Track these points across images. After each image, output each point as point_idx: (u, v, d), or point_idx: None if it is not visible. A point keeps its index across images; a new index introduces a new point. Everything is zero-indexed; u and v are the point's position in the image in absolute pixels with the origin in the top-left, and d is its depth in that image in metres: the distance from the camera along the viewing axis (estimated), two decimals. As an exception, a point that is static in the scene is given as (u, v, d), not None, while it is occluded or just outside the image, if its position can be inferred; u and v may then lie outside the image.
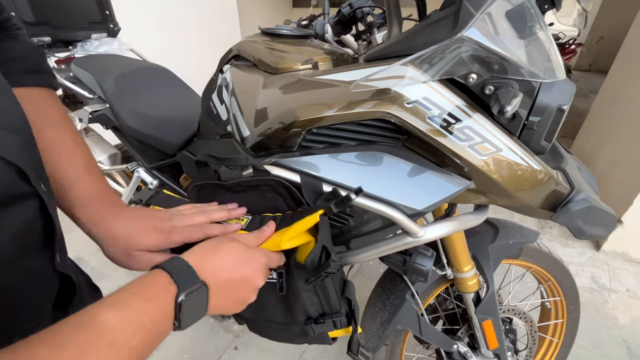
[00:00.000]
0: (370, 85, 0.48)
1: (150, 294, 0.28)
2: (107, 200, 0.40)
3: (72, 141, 0.39)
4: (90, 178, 0.39)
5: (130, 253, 0.39)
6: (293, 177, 0.49)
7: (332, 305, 0.46)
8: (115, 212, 0.40)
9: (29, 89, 0.37)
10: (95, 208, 0.39)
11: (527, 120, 0.48)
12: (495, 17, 0.42)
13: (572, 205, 0.50)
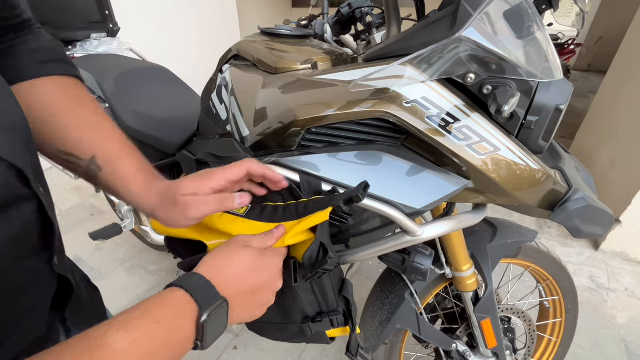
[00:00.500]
0: (369, 85, 0.48)
1: (161, 316, 0.26)
2: (155, 174, 0.42)
3: (110, 123, 0.40)
4: (134, 152, 0.41)
5: (177, 200, 0.38)
6: (292, 176, 0.49)
7: (330, 304, 0.46)
8: (160, 177, 0.41)
9: (57, 77, 0.37)
10: (146, 179, 0.40)
11: (525, 119, 0.48)
12: (493, 17, 0.42)
13: (569, 205, 0.51)
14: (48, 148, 0.37)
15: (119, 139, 0.40)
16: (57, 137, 0.36)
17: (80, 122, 0.37)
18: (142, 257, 1.68)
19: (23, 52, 0.35)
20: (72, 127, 0.37)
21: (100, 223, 1.93)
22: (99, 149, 0.37)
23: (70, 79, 0.39)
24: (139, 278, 1.56)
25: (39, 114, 0.35)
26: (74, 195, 2.17)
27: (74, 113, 0.37)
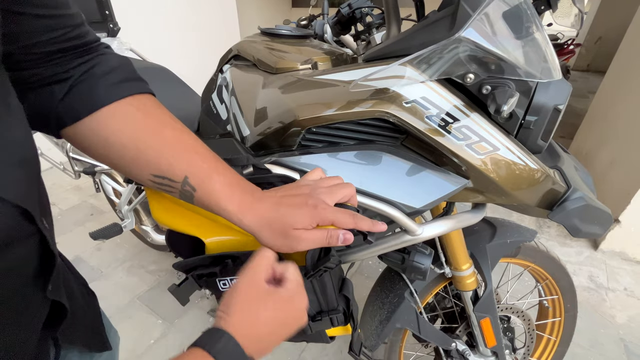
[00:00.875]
0: (369, 85, 0.49)
1: None
2: (248, 187, 0.39)
3: (193, 138, 0.38)
4: (225, 168, 0.38)
5: (288, 234, 0.36)
6: (293, 175, 0.49)
7: (330, 303, 0.46)
8: (259, 197, 0.38)
9: (134, 97, 0.36)
10: (241, 195, 0.37)
11: (524, 119, 0.48)
12: (492, 17, 0.42)
13: (568, 204, 0.51)
14: (139, 174, 0.36)
15: (207, 155, 0.38)
16: (147, 163, 0.35)
17: (167, 143, 0.35)
18: (142, 256, 1.68)
19: (96, 76, 0.34)
20: (160, 150, 0.35)
21: (100, 223, 1.93)
22: (189, 168, 0.35)
23: (146, 97, 0.38)
24: (139, 278, 1.56)
25: (124, 141, 0.34)
26: (74, 195, 2.17)
27: (160, 135, 0.35)
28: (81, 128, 0.34)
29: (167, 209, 0.50)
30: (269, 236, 0.37)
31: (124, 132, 0.34)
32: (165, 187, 0.36)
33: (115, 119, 0.34)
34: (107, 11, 1.31)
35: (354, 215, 0.37)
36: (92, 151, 0.36)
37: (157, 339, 1.30)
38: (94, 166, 1.13)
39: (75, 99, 0.33)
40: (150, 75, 1.18)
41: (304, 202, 0.37)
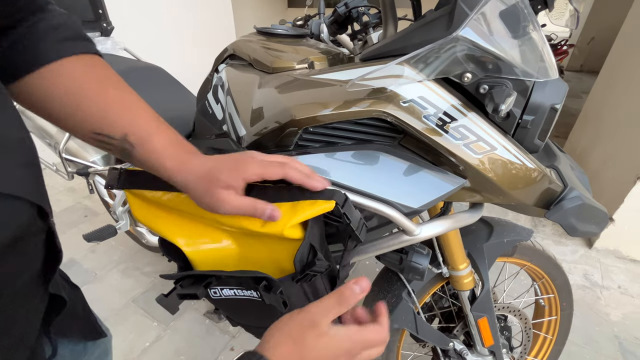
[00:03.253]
0: (366, 84, 0.48)
1: None
2: (188, 147, 0.40)
3: (136, 98, 0.39)
4: (166, 127, 0.39)
5: (213, 192, 0.36)
6: None
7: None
8: (195, 153, 0.39)
9: (81, 56, 0.36)
10: (179, 152, 0.38)
11: (520, 119, 0.48)
12: (489, 17, 0.42)
13: (565, 203, 0.51)
14: (81, 130, 0.36)
15: (149, 115, 0.38)
16: (89, 119, 0.36)
17: (110, 101, 0.36)
18: (137, 258, 1.66)
19: (42, 31, 0.33)
20: (102, 107, 0.36)
21: (94, 224, 1.91)
22: (130, 126, 0.36)
23: (93, 57, 0.38)
24: (134, 280, 1.54)
25: (69, 97, 0.35)
26: (68, 197, 2.15)
27: (101, 93, 0.36)
28: (24, 84, 0.34)
29: (148, 209, 0.47)
30: (196, 194, 0.37)
31: (66, 90, 0.34)
32: (104, 145, 0.37)
33: (59, 77, 0.34)
34: (100, 10, 1.29)
35: (283, 165, 0.38)
36: (34, 107, 0.36)
37: (153, 342, 1.28)
38: (88, 167, 1.12)
39: (17, 54, 0.33)
40: (144, 75, 1.17)
41: (235, 159, 0.38)
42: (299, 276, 0.39)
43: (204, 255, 0.46)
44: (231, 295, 0.44)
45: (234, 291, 0.43)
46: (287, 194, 0.41)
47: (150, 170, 0.38)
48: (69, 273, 0.43)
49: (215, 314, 1.36)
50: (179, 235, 0.45)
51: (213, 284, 0.43)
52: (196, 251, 0.45)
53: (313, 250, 0.40)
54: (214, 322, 1.36)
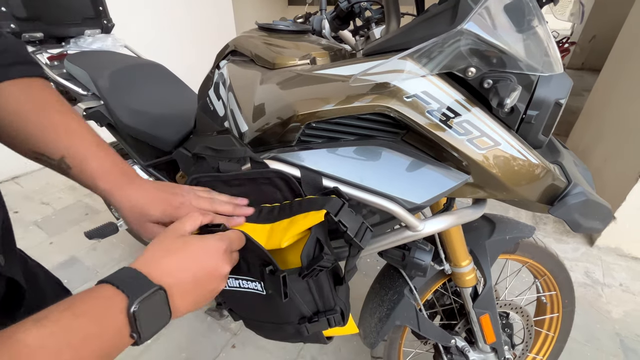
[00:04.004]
0: (369, 79, 0.48)
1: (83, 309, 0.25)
2: (124, 170, 0.42)
3: (77, 122, 0.41)
4: (104, 151, 0.41)
5: (142, 223, 0.40)
6: (292, 171, 0.49)
7: (326, 302, 0.45)
8: (131, 180, 0.41)
9: (21, 80, 0.38)
10: (115, 176, 0.41)
11: (525, 114, 0.48)
12: (494, 10, 0.42)
13: (569, 199, 0.51)
14: (23, 149, 0.39)
15: (88, 139, 0.41)
16: (30, 139, 0.38)
17: (47, 124, 0.38)
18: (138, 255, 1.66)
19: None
20: (39, 130, 0.38)
21: (95, 222, 1.91)
22: (66, 149, 0.39)
23: (35, 80, 0.40)
24: (136, 277, 1.55)
25: (11, 117, 0.37)
26: (69, 195, 2.15)
27: (41, 116, 0.38)
28: None
29: None
30: (130, 220, 0.41)
31: (8, 111, 0.37)
32: (45, 163, 0.40)
33: (6, 97, 0.37)
34: (100, 7, 1.29)
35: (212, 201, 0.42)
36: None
37: (154, 339, 1.28)
38: (89, 164, 1.12)
39: None
40: (145, 72, 1.17)
41: (166, 198, 0.41)
42: (305, 271, 0.39)
43: None
44: (235, 286, 0.44)
45: (239, 282, 0.43)
46: (289, 210, 0.44)
47: (89, 188, 0.41)
48: (70, 271, 0.44)
49: (216, 311, 1.36)
50: None
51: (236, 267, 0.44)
52: None
53: (319, 245, 0.40)
54: (216, 319, 1.36)
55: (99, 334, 0.25)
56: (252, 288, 0.43)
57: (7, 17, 1.02)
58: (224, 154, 0.47)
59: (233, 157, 0.47)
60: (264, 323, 0.50)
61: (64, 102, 0.41)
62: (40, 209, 2.00)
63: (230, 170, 0.47)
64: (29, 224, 1.87)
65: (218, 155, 0.48)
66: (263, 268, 0.39)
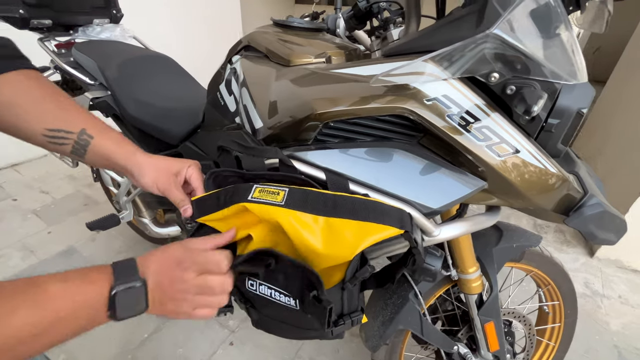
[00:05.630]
0: (391, 80, 0.47)
1: (91, 278, 0.33)
2: (131, 143, 0.49)
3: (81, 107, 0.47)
4: (110, 128, 0.47)
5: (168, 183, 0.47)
6: (318, 173, 0.48)
7: (352, 305, 0.44)
8: (139, 150, 0.48)
9: (22, 71, 0.42)
10: (129, 144, 0.47)
11: (545, 122, 0.47)
12: (521, 15, 0.41)
13: (585, 210, 0.50)
14: (32, 130, 0.42)
15: (95, 121, 0.46)
16: (41, 119, 0.42)
17: (64, 103, 0.44)
18: (137, 249, 1.65)
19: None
20: (57, 108, 0.43)
21: (95, 213, 1.89)
22: (85, 122, 0.44)
23: (34, 71, 0.44)
24: (134, 270, 1.53)
25: (19, 101, 0.40)
26: (68, 185, 2.13)
27: (55, 97, 0.43)
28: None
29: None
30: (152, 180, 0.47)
31: (18, 95, 0.40)
32: (57, 140, 0.43)
33: (9, 87, 0.40)
34: (110, -4, 1.28)
35: None
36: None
37: (151, 333, 1.27)
38: (93, 155, 1.10)
39: None
40: (154, 64, 1.16)
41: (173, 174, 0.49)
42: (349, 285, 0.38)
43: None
44: (265, 294, 0.43)
45: (271, 292, 0.42)
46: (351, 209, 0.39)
47: (103, 158, 0.45)
48: (68, 261, 0.47)
49: (214, 308, 1.35)
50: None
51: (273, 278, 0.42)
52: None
53: (363, 258, 0.39)
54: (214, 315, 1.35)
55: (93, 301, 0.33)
56: (285, 302, 0.41)
57: (16, 2, 1.01)
58: (254, 151, 0.46)
59: (262, 157, 0.46)
60: (284, 324, 0.49)
61: (60, 89, 0.46)
62: (39, 198, 1.98)
63: (255, 169, 0.46)
64: (28, 212, 1.85)
65: (246, 151, 0.47)
66: (306, 291, 0.38)
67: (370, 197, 0.43)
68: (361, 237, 0.37)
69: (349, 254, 0.37)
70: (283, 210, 0.39)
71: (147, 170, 0.46)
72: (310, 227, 0.38)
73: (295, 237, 0.38)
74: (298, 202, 0.40)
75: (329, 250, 0.38)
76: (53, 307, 0.30)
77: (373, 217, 0.38)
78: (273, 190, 0.41)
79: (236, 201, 0.41)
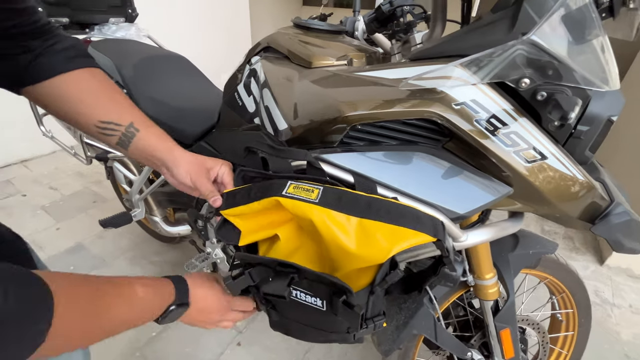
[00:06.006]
0: (418, 84, 0.47)
1: (160, 292, 0.42)
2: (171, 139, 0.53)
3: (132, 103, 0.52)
4: (154, 124, 0.52)
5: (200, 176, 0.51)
6: (345, 176, 0.48)
7: (376, 310, 0.44)
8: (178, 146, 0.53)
9: (87, 69, 0.48)
10: (168, 141, 0.52)
11: (574, 129, 0.47)
12: (556, 21, 0.41)
13: (612, 218, 0.50)
14: (86, 122, 0.47)
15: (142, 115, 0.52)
16: (95, 112, 0.47)
17: (117, 98, 0.49)
18: (145, 247, 1.65)
19: (55, 52, 0.45)
20: (110, 103, 0.48)
21: (103, 210, 1.90)
22: (133, 117, 0.49)
23: (97, 70, 0.50)
24: (142, 268, 1.54)
25: (81, 95, 0.46)
26: (76, 181, 2.14)
27: (109, 93, 0.49)
28: (42, 88, 0.45)
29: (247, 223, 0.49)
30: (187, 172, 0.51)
31: (80, 90, 0.46)
32: (107, 132, 0.48)
33: (73, 81, 0.46)
34: (126, -4, 1.29)
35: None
36: (50, 106, 0.47)
37: (159, 332, 1.27)
38: (107, 153, 1.11)
39: (38, 67, 0.44)
40: (169, 64, 1.17)
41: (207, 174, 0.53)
42: (378, 289, 0.38)
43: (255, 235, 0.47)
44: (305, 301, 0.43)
45: (296, 292, 0.42)
46: (386, 212, 0.39)
47: (144, 150, 0.50)
48: (76, 258, 0.51)
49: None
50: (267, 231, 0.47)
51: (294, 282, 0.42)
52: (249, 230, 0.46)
53: (392, 262, 0.39)
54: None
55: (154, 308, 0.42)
56: (311, 302, 0.41)
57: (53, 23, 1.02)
58: (283, 153, 0.46)
59: (292, 158, 0.46)
60: (305, 326, 0.49)
61: (117, 87, 0.51)
62: (48, 194, 1.99)
63: (282, 171, 0.46)
64: (37, 208, 1.87)
65: (275, 153, 0.47)
66: (334, 296, 0.38)
67: (399, 200, 0.43)
68: (394, 241, 0.37)
69: (382, 257, 0.37)
70: (317, 208, 0.39)
71: (182, 162, 0.50)
72: (343, 227, 0.38)
73: (328, 236, 0.38)
74: (332, 201, 0.40)
75: (362, 251, 0.38)
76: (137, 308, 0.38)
77: (407, 223, 0.38)
78: (307, 188, 0.41)
79: (270, 195, 0.41)
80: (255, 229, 0.46)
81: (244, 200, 0.44)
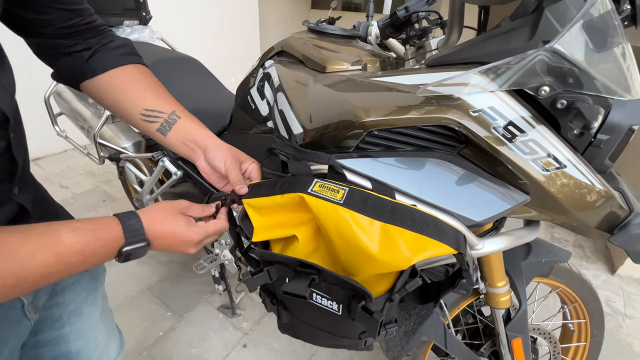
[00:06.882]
0: (436, 90, 0.47)
1: (101, 237, 0.38)
2: (207, 129, 0.57)
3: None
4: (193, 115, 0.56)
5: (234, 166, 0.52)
6: (363, 182, 0.48)
7: (389, 317, 0.44)
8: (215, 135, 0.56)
9: (136, 65, 0.54)
10: (206, 129, 0.56)
11: (594, 137, 0.46)
12: (579, 29, 0.40)
13: (632, 228, 0.49)
14: (132, 110, 0.52)
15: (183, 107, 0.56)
16: (141, 101, 0.52)
17: (160, 89, 0.55)
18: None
19: (110, 49, 0.52)
20: (155, 93, 0.54)
21: (112, 209, 1.92)
22: (176, 106, 0.55)
23: (143, 66, 0.56)
24: (150, 267, 1.55)
25: (128, 86, 0.52)
26: (87, 180, 2.17)
27: (156, 85, 0.55)
28: (98, 81, 0.51)
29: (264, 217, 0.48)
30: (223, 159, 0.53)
31: (128, 82, 0.52)
32: (150, 118, 0.52)
33: (124, 75, 0.52)
34: (141, -1, 1.31)
35: None
36: (103, 97, 0.53)
37: (166, 332, 1.28)
38: (119, 153, 1.12)
39: (96, 62, 0.51)
40: (181, 66, 1.18)
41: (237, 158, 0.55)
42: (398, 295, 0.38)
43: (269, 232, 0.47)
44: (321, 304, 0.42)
45: (313, 295, 0.42)
46: (410, 220, 0.38)
47: (184, 136, 0.53)
48: None
49: (229, 308, 1.35)
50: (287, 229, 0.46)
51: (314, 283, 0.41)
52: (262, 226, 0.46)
53: (412, 270, 0.39)
54: (228, 317, 1.35)
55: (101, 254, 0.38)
56: (326, 305, 0.41)
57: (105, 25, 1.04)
58: (306, 155, 0.46)
59: (314, 161, 0.46)
60: (317, 330, 0.49)
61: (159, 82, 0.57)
62: (59, 192, 2.02)
63: (300, 174, 0.46)
64: (48, 206, 1.89)
65: (298, 155, 0.47)
66: (352, 301, 0.38)
67: (418, 208, 0.43)
68: (417, 249, 0.37)
69: (404, 264, 0.37)
70: (341, 209, 0.39)
71: (221, 149, 0.54)
72: (367, 230, 0.38)
73: (351, 238, 0.38)
74: (357, 203, 0.39)
75: (384, 256, 0.37)
76: (65, 257, 0.35)
77: (431, 232, 0.37)
78: (333, 188, 0.41)
79: (295, 190, 0.41)
80: (270, 226, 0.46)
81: (268, 192, 0.44)
